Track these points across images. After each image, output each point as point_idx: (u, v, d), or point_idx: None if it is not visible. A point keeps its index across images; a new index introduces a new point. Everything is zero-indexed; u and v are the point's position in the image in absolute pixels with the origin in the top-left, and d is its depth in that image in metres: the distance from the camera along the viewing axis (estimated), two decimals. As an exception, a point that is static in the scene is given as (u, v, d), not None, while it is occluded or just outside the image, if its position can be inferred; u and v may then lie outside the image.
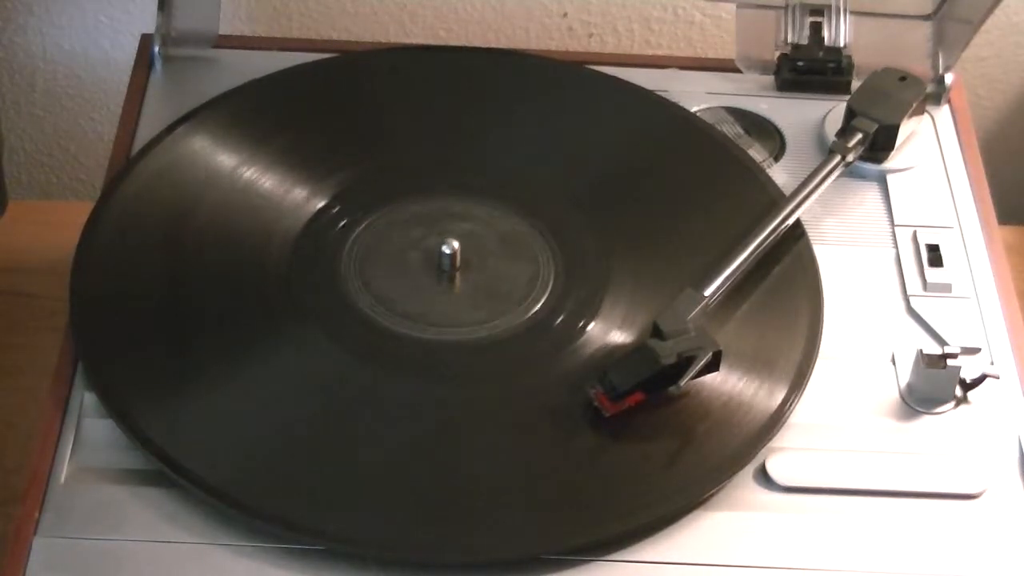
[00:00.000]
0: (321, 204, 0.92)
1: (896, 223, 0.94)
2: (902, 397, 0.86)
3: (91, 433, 0.81)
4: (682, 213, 0.93)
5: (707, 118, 0.99)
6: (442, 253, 0.88)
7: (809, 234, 0.92)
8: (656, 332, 0.82)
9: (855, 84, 1.01)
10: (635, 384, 0.81)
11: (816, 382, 0.85)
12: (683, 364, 0.81)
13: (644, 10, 1.22)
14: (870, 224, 0.94)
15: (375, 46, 1.07)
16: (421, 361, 0.85)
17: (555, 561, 0.77)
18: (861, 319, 0.89)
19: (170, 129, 0.95)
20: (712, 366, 0.82)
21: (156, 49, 1.01)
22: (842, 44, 1.03)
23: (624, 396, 0.81)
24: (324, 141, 0.95)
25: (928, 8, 1.02)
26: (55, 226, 1.05)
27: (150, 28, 1.01)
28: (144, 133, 0.96)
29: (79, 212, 0.90)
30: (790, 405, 0.83)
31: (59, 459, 0.80)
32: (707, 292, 0.85)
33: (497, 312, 0.87)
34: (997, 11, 0.99)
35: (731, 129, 0.99)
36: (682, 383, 0.81)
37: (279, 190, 0.92)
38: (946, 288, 0.90)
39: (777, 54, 1.03)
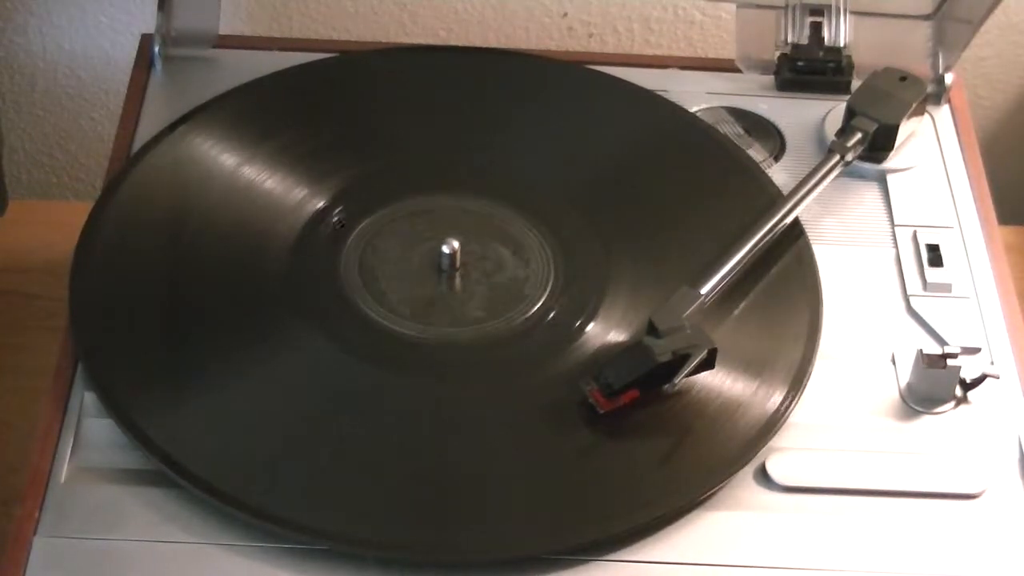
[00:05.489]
0: (321, 204, 0.92)
1: (896, 223, 0.94)
2: (902, 397, 0.86)
3: (91, 433, 0.81)
4: (682, 213, 0.93)
5: (707, 118, 0.99)
6: (442, 253, 0.88)
7: (809, 234, 0.92)
8: (651, 329, 0.82)
9: (855, 84, 1.01)
10: (630, 381, 0.81)
11: (816, 382, 0.85)
12: (678, 362, 0.81)
13: (644, 10, 1.22)
14: (870, 224, 0.94)
15: (375, 46, 1.07)
16: (421, 361, 0.85)
17: (555, 561, 0.77)
18: (861, 319, 0.89)
19: (170, 129, 0.95)
20: (707, 364, 0.82)
21: (156, 49, 1.01)
22: (842, 44, 1.03)
23: (619, 393, 0.81)
24: (324, 141, 0.95)
25: (928, 8, 1.02)
26: (55, 226, 1.05)
27: (150, 28, 1.01)
28: (144, 133, 0.96)
29: (79, 212, 0.90)
30: (790, 405, 0.83)
31: (59, 459, 0.80)
32: (703, 290, 0.85)
33: (497, 312, 0.87)
34: (997, 11, 0.99)
35: (731, 129, 0.99)
36: (676, 381, 0.81)
37: (279, 190, 0.92)
38: (946, 288, 0.90)
39: (777, 54, 1.03)
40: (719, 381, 0.84)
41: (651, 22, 1.23)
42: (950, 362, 0.84)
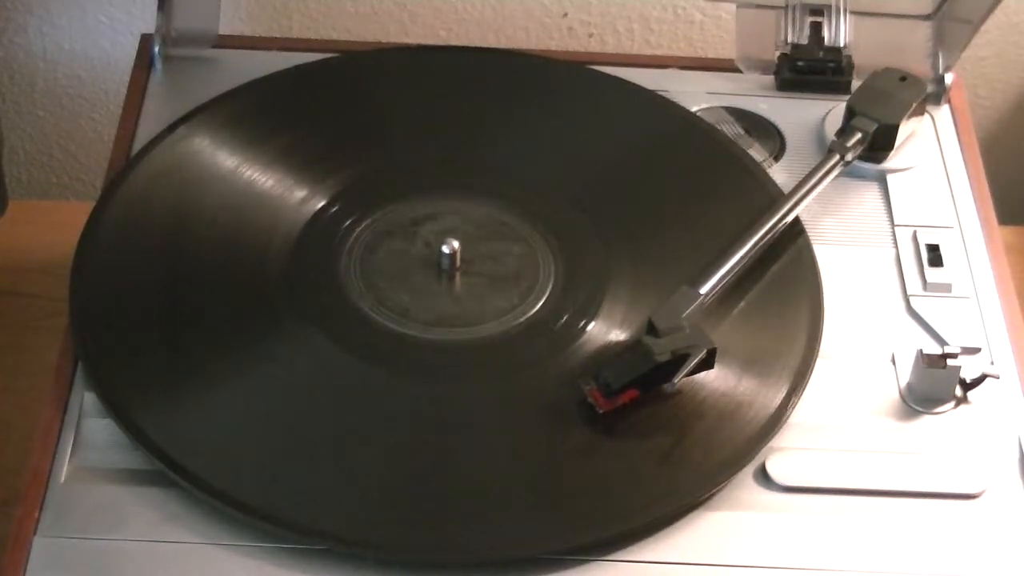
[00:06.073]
0: (321, 204, 0.92)
1: (896, 223, 0.94)
2: (902, 397, 0.86)
3: (91, 433, 0.81)
4: (682, 213, 0.93)
5: (707, 118, 0.99)
6: (442, 253, 0.88)
7: (809, 234, 0.92)
8: (651, 329, 0.82)
9: (855, 84, 1.01)
10: (629, 381, 0.81)
11: (816, 382, 0.85)
12: (677, 362, 0.81)
13: (644, 10, 1.22)
14: (870, 224, 0.94)
15: (375, 46, 1.07)
16: (421, 361, 0.85)
17: (555, 561, 0.77)
18: (861, 319, 0.89)
19: (170, 129, 0.95)
20: (706, 364, 0.82)
21: (156, 49, 1.01)
22: (842, 44, 1.03)
23: (618, 393, 0.81)
24: (324, 141, 0.95)
25: (928, 8, 1.02)
26: (55, 226, 1.05)
27: (150, 28, 1.01)
28: (144, 133, 0.96)
29: (79, 212, 0.90)
30: (790, 405, 0.83)
31: (59, 459, 0.80)
32: (702, 290, 0.85)
33: (497, 312, 0.87)
34: (997, 11, 0.99)
35: (731, 129, 0.99)
36: (676, 381, 0.81)
37: (279, 190, 0.92)
38: (946, 288, 0.90)
39: (777, 54, 1.03)
40: (719, 381, 0.84)
41: (651, 22, 1.23)
42: (950, 362, 0.84)
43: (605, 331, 0.87)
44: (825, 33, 1.03)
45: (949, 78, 1.01)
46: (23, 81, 1.26)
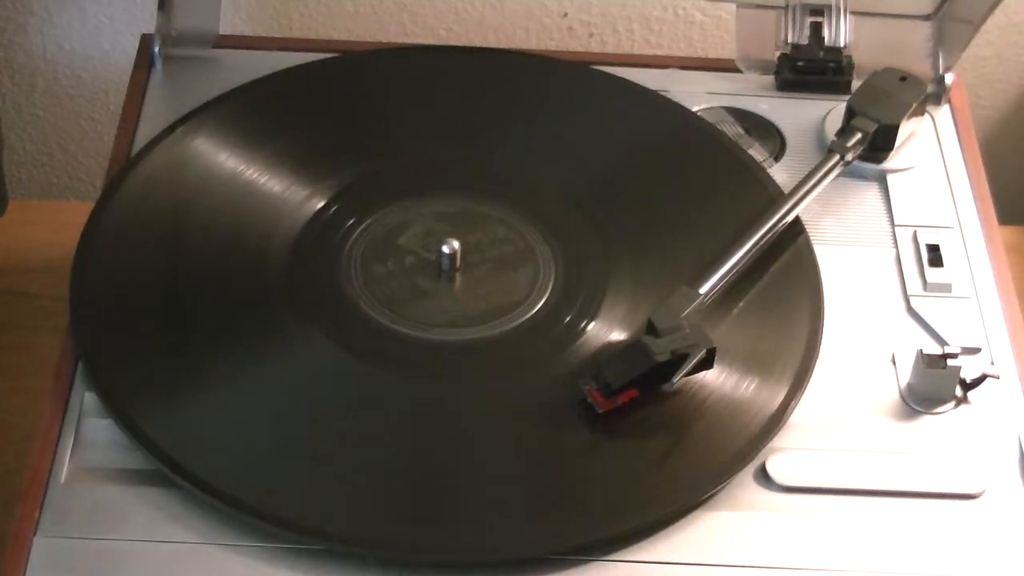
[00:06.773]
0: (321, 204, 0.92)
1: (896, 223, 0.94)
2: (902, 397, 0.86)
3: (91, 433, 0.81)
4: (682, 213, 0.93)
5: (707, 118, 0.99)
6: (442, 253, 0.88)
7: (809, 234, 0.92)
8: (651, 329, 0.82)
9: (855, 84, 1.01)
10: (629, 381, 0.81)
11: (816, 382, 0.85)
12: (677, 361, 0.81)
13: (644, 10, 1.22)
14: (870, 224, 0.94)
15: (375, 46, 1.07)
16: (421, 361, 0.85)
17: (555, 561, 0.77)
18: (861, 319, 0.89)
19: (170, 129, 0.95)
20: (706, 364, 0.82)
21: (156, 49, 1.01)
22: (842, 44, 1.03)
23: (618, 393, 0.81)
24: (324, 141, 0.95)
25: (928, 8, 1.02)
26: (55, 226, 1.05)
27: (150, 28, 1.01)
28: (144, 133, 0.96)
29: (79, 212, 0.90)
30: (790, 405, 0.83)
31: (59, 459, 0.80)
32: (702, 290, 0.85)
33: (497, 312, 0.87)
34: (997, 11, 0.99)
35: (731, 129, 0.99)
36: (675, 380, 0.81)
37: (279, 190, 0.92)
38: (946, 288, 0.90)
39: (777, 54, 1.03)
40: (719, 381, 0.84)
41: (651, 22, 1.23)
42: (950, 362, 0.84)
43: (605, 331, 0.87)
44: (825, 33, 1.03)
45: (949, 78, 1.01)
46: (23, 81, 1.26)
